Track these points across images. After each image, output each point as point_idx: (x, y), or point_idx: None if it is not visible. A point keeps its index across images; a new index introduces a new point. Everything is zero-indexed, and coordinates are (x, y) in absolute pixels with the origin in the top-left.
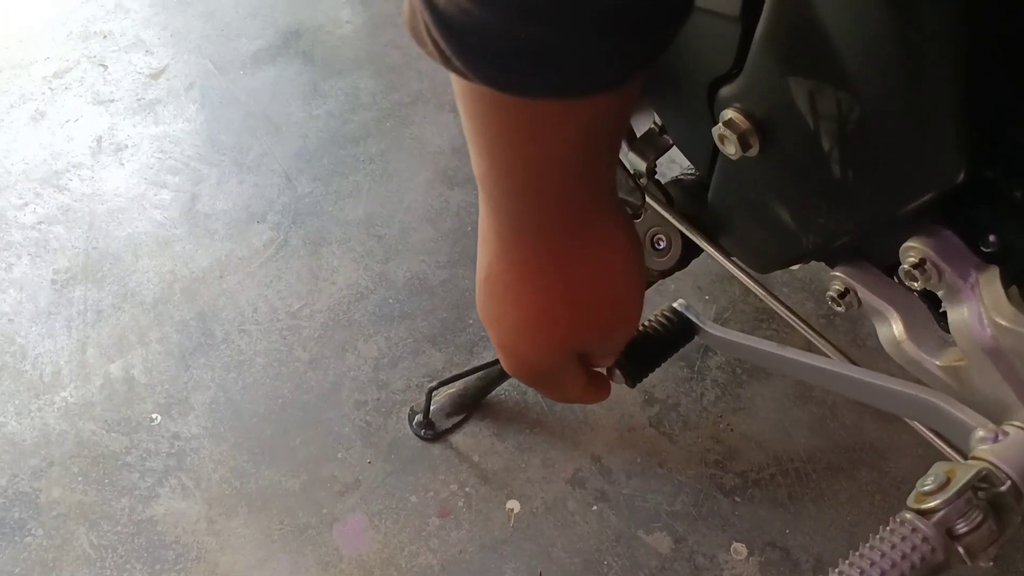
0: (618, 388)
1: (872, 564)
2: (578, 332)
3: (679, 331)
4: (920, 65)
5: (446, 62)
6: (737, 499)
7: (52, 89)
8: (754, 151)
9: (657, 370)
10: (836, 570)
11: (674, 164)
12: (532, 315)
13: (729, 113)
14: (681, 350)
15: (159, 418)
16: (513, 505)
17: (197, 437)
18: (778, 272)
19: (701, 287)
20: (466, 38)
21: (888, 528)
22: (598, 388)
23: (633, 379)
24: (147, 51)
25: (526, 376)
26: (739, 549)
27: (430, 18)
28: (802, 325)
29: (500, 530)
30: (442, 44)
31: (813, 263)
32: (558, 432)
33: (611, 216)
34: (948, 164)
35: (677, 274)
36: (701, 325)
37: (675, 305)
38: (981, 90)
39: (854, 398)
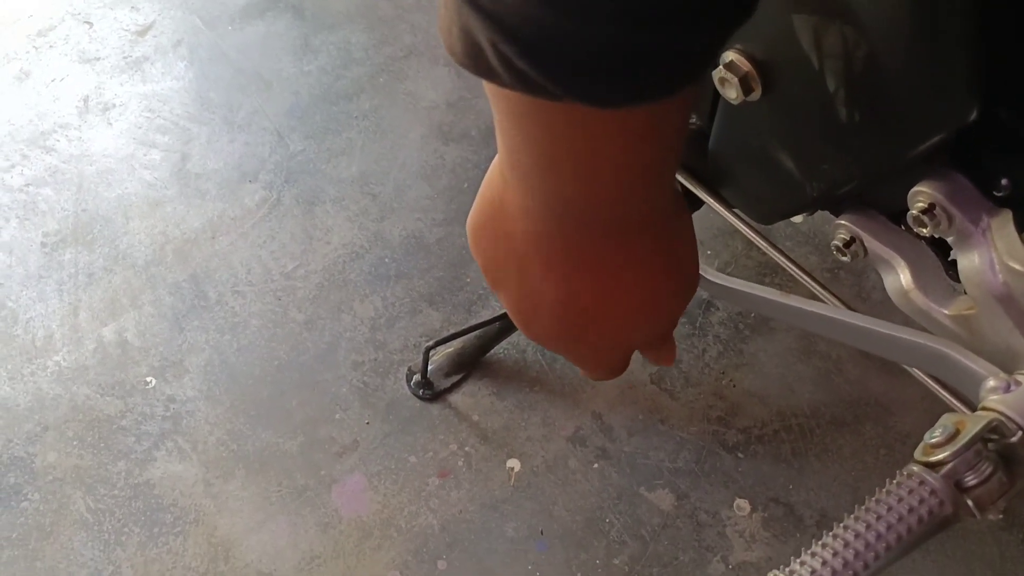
0: None
1: (879, 518)
2: (673, 311)
3: None
4: None
5: (527, 86)
6: (740, 455)
7: (36, 48)
8: (756, 94)
9: None
10: (842, 524)
11: None
12: (631, 311)
13: (730, 55)
14: None
15: (154, 381)
16: (513, 464)
17: (193, 400)
18: (781, 225)
19: (703, 241)
20: (546, 51)
21: (895, 481)
22: None
23: None
24: (133, 7)
25: (621, 360)
26: (742, 505)
27: (502, 39)
28: (805, 277)
29: (500, 489)
30: (519, 63)
31: (817, 215)
32: (558, 390)
33: (677, 198)
34: (960, 102)
35: None
36: (702, 274)
37: None
38: (995, 24)
39: (860, 347)
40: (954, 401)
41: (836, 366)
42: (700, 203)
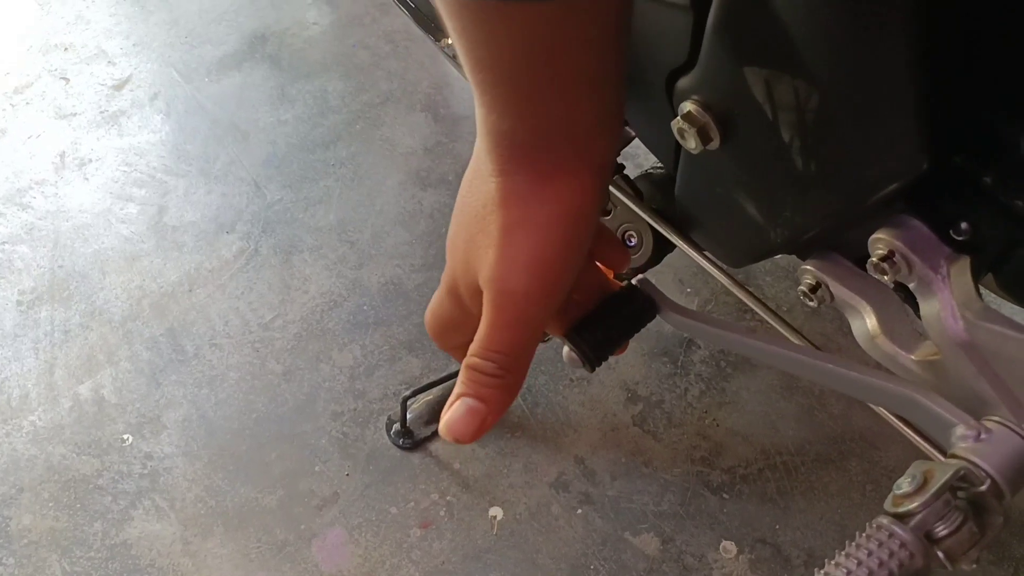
0: (599, 388)
1: (848, 573)
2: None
3: (638, 309)
4: (878, 49)
5: None
6: (725, 496)
7: (13, 105)
8: (715, 144)
9: (639, 367)
10: None
11: (651, 156)
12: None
13: (687, 106)
14: (664, 345)
15: (131, 438)
16: (496, 512)
17: (170, 456)
18: (761, 261)
19: (683, 280)
20: None
21: (864, 534)
22: None
23: (591, 362)
24: (109, 62)
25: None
26: (728, 547)
27: None
28: (777, 320)
29: (483, 538)
30: None
31: None
32: (540, 435)
33: (602, 174)
34: (911, 152)
35: (659, 267)
36: (662, 304)
37: (634, 281)
38: (945, 73)
39: (832, 388)
40: (925, 445)
41: (819, 402)
42: (671, 246)
